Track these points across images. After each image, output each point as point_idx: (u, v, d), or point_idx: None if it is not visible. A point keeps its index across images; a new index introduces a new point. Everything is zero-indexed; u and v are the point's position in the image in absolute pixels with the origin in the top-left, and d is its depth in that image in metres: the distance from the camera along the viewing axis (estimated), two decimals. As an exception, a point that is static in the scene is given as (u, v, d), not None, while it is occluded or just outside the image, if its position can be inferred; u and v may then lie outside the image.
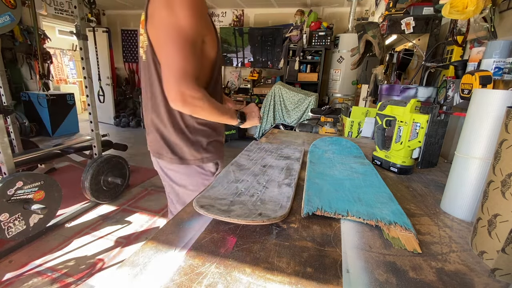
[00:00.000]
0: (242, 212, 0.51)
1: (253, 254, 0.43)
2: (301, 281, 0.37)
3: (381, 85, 1.48)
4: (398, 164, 0.84)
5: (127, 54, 6.06)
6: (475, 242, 0.47)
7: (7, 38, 4.09)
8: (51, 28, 5.82)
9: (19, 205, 1.72)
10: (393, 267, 0.41)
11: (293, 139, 1.28)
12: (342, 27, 4.67)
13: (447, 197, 0.62)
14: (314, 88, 4.56)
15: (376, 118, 0.94)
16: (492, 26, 0.92)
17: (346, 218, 0.53)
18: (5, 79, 2.16)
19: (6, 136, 1.73)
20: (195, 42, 0.78)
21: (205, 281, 0.37)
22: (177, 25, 0.73)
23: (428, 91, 1.19)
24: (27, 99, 4.52)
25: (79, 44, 2.12)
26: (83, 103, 7.20)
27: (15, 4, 1.79)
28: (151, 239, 0.46)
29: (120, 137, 4.96)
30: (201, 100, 0.77)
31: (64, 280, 1.56)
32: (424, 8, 1.39)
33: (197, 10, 0.75)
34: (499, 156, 0.44)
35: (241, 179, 0.69)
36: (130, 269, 0.39)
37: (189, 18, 0.73)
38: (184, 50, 0.74)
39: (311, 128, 2.53)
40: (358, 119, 1.67)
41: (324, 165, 0.85)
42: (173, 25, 0.73)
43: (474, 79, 0.79)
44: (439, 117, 0.76)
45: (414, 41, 1.77)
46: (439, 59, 1.33)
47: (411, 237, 0.48)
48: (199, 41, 0.80)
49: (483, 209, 0.46)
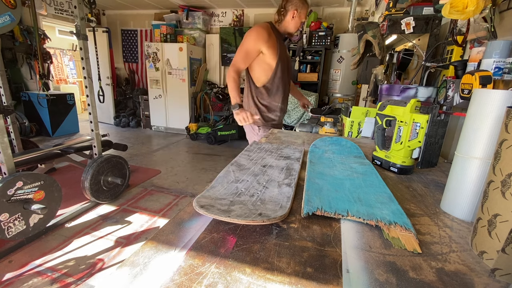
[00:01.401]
0: (242, 212, 0.51)
1: (253, 254, 0.43)
2: (301, 281, 0.37)
3: (381, 85, 1.48)
4: (398, 164, 0.84)
5: (127, 54, 6.06)
6: (475, 242, 0.47)
7: (7, 38, 4.09)
8: (51, 28, 5.82)
9: (19, 205, 1.72)
10: (393, 267, 0.41)
11: (293, 139, 1.28)
12: (342, 27, 4.67)
13: (447, 197, 0.62)
14: (314, 88, 4.56)
15: (376, 118, 0.94)
16: (492, 26, 0.92)
17: (346, 218, 0.53)
18: (5, 79, 2.17)
19: (6, 136, 1.73)
20: (249, 52, 1.51)
21: (205, 281, 0.37)
22: (242, 42, 1.52)
23: (428, 91, 1.19)
24: (27, 99, 4.52)
25: (79, 44, 2.12)
26: (83, 103, 7.20)
27: (15, 4, 1.79)
28: (151, 239, 0.46)
29: (120, 137, 4.96)
30: (229, 78, 1.51)
31: (64, 280, 1.56)
32: (424, 8, 1.39)
33: (253, 37, 1.49)
34: (499, 156, 0.44)
35: (241, 179, 0.69)
36: (130, 269, 0.39)
37: (247, 40, 1.50)
38: (239, 54, 1.52)
39: (311, 128, 2.53)
40: (358, 119, 1.67)
41: (324, 165, 0.85)
42: (242, 42, 1.53)
43: (474, 79, 0.79)
44: (439, 117, 0.76)
45: (414, 41, 1.77)
46: (439, 59, 1.33)
47: (411, 237, 0.48)
48: (254, 52, 1.51)
49: (483, 209, 0.46)
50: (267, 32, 1.48)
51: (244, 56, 1.50)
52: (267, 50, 1.49)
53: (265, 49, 1.48)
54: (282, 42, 1.57)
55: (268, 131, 1.61)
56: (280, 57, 1.52)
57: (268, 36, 1.48)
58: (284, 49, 1.58)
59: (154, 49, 5.00)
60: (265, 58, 1.51)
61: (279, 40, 1.55)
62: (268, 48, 1.49)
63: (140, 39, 5.87)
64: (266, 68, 1.55)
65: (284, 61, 1.57)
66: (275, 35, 1.53)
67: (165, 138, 5.02)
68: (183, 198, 2.66)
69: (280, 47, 1.54)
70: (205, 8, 5.16)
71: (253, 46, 1.48)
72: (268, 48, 1.49)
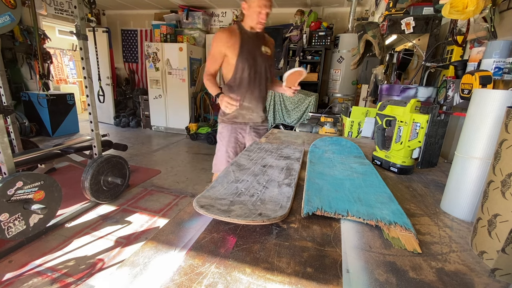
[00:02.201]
0: (242, 212, 0.51)
1: (253, 254, 0.43)
2: (301, 281, 0.37)
3: (381, 85, 1.48)
4: (398, 164, 0.84)
5: (127, 54, 6.06)
6: (475, 242, 0.47)
7: (7, 38, 4.09)
8: (51, 28, 5.82)
9: (19, 205, 1.72)
10: (393, 267, 0.41)
11: (293, 139, 1.28)
12: (342, 27, 4.67)
13: (447, 197, 0.62)
14: (314, 88, 4.57)
15: (376, 118, 0.94)
16: (492, 26, 0.92)
17: (346, 218, 0.53)
18: (5, 79, 2.17)
19: (6, 136, 1.73)
20: (214, 56, 1.57)
21: (205, 281, 0.37)
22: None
23: (428, 91, 1.19)
24: (27, 99, 4.52)
25: (79, 44, 2.12)
26: (83, 103, 7.20)
27: (15, 4, 1.79)
28: (151, 239, 0.46)
29: (120, 137, 4.96)
30: (204, 80, 1.62)
31: (64, 280, 1.56)
32: (424, 8, 1.39)
33: (214, 41, 1.55)
34: (499, 156, 0.44)
35: (241, 179, 0.69)
36: (130, 269, 0.39)
37: (212, 45, 1.57)
38: (208, 59, 1.62)
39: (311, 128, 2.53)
40: (358, 119, 1.67)
41: (324, 165, 0.85)
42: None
43: (474, 79, 0.79)
44: (439, 117, 0.76)
45: (414, 41, 1.77)
46: (439, 59, 1.33)
47: (411, 237, 0.48)
48: (219, 55, 1.56)
49: (483, 209, 0.46)
50: (227, 34, 1.50)
51: (212, 61, 1.57)
52: (228, 50, 1.52)
53: (227, 50, 1.52)
54: (250, 40, 1.54)
55: (230, 129, 1.70)
56: (241, 55, 1.52)
57: (228, 38, 1.50)
58: (253, 47, 1.55)
59: (154, 49, 5.00)
60: (228, 58, 1.55)
61: (245, 38, 1.53)
62: (228, 48, 1.51)
63: (140, 39, 5.87)
64: (229, 67, 1.58)
65: (250, 59, 1.54)
66: (240, 34, 1.52)
67: (165, 138, 5.02)
68: (183, 198, 2.66)
69: (245, 45, 1.52)
70: (205, 8, 5.16)
71: (216, 50, 1.53)
72: (228, 48, 1.51)
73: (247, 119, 1.72)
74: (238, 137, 1.73)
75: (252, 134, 1.74)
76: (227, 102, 1.42)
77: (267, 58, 1.62)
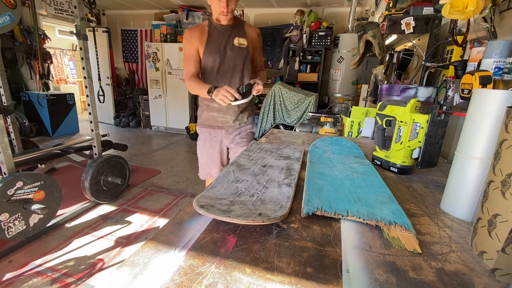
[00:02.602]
0: (242, 212, 0.51)
1: (253, 254, 0.43)
2: (301, 281, 0.37)
3: (381, 85, 1.48)
4: (398, 164, 0.84)
5: (127, 54, 6.06)
6: (475, 242, 0.47)
7: (7, 38, 4.09)
8: (51, 28, 5.82)
9: (19, 205, 1.72)
10: (393, 267, 0.41)
11: (293, 139, 1.28)
12: (342, 27, 4.67)
13: (447, 197, 0.62)
14: (314, 88, 4.56)
15: (376, 118, 0.94)
16: (492, 26, 0.92)
17: (346, 218, 0.53)
18: (5, 79, 2.17)
19: (6, 136, 1.73)
20: (188, 55, 1.46)
21: (205, 281, 0.37)
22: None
23: (428, 91, 1.19)
24: (27, 99, 4.52)
25: (79, 44, 2.12)
26: (83, 103, 7.20)
27: (15, 4, 1.79)
28: (151, 239, 0.46)
29: (120, 137, 4.96)
30: (188, 83, 1.46)
31: (64, 280, 1.56)
32: (424, 8, 1.39)
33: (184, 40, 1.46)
34: (499, 156, 0.44)
35: (241, 179, 0.69)
36: (130, 269, 0.39)
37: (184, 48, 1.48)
38: (184, 61, 1.50)
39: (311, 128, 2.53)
40: (358, 119, 1.67)
41: (324, 165, 0.85)
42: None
43: (474, 79, 0.79)
44: (439, 117, 0.76)
45: (414, 41, 1.77)
46: (439, 59, 1.33)
47: (411, 237, 0.48)
48: (193, 53, 1.45)
49: (483, 209, 0.46)
50: (194, 31, 1.42)
51: (188, 62, 1.45)
52: (200, 46, 1.42)
53: (199, 46, 1.42)
54: (217, 33, 1.42)
55: (205, 133, 1.57)
56: (207, 49, 1.41)
57: (198, 34, 1.41)
58: (221, 39, 1.42)
59: (154, 49, 5.00)
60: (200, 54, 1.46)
61: (212, 32, 1.42)
62: (200, 44, 1.43)
63: (140, 39, 5.87)
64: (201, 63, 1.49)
65: (217, 52, 1.41)
66: (208, 28, 1.42)
67: (165, 138, 5.02)
68: (183, 198, 2.66)
69: (211, 39, 1.41)
70: (205, 8, 5.16)
71: (189, 49, 1.43)
72: (200, 44, 1.42)
73: (220, 123, 1.54)
74: (214, 140, 1.59)
75: (234, 138, 1.57)
76: (223, 95, 1.23)
77: (241, 50, 1.44)
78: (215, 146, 1.60)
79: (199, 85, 1.37)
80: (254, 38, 1.49)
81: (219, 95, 1.24)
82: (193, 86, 1.41)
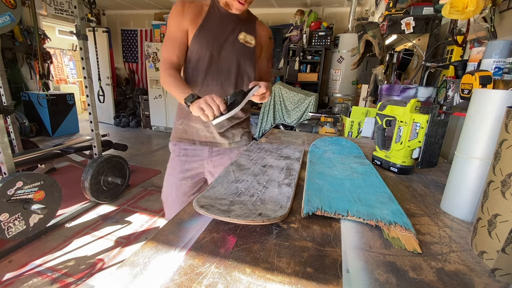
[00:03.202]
0: (242, 212, 0.51)
1: (253, 254, 0.43)
2: (301, 281, 0.37)
3: (381, 85, 1.48)
4: (398, 164, 0.84)
5: (127, 54, 6.06)
6: (475, 242, 0.47)
7: (7, 38, 4.09)
8: (51, 28, 5.82)
9: (19, 205, 1.72)
10: (393, 267, 0.41)
11: (293, 139, 1.28)
12: (342, 27, 4.67)
13: (447, 197, 0.62)
14: (314, 88, 4.57)
15: (376, 118, 0.94)
16: (492, 26, 0.92)
17: (346, 218, 0.53)
18: (5, 79, 2.16)
19: (6, 136, 1.73)
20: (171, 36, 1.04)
21: (205, 281, 0.37)
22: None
23: (428, 91, 1.19)
24: (27, 99, 4.52)
25: (79, 44, 2.12)
26: (83, 103, 7.20)
27: (15, 4, 1.79)
28: (151, 239, 0.46)
29: (120, 137, 4.96)
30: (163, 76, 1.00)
31: (64, 280, 1.56)
32: (424, 8, 1.39)
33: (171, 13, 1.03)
34: (499, 156, 0.44)
35: (241, 179, 0.69)
36: (130, 269, 0.39)
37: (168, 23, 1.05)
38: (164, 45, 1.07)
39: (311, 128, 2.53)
40: (358, 119, 1.67)
41: (324, 165, 0.85)
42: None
43: (474, 79, 0.79)
44: (439, 117, 0.76)
45: (414, 41, 1.77)
46: (439, 59, 1.33)
47: (411, 237, 0.48)
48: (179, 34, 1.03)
49: (483, 209, 0.46)
50: (187, 4, 1.03)
51: (169, 44, 1.03)
52: (190, 26, 1.02)
53: (189, 26, 1.02)
54: (219, 19, 1.05)
55: (176, 151, 1.15)
56: (199, 35, 1.02)
57: (187, 8, 1.02)
58: (222, 29, 1.05)
59: (154, 49, 5.00)
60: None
61: (213, 15, 1.04)
62: (190, 22, 1.02)
63: (140, 39, 5.87)
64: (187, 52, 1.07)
65: (213, 43, 1.03)
66: (209, 9, 1.05)
67: (165, 138, 5.02)
68: (183, 198, 2.66)
69: (209, 24, 1.03)
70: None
71: (174, 26, 1.02)
72: (190, 23, 1.02)
73: (201, 137, 1.12)
74: (193, 164, 1.15)
75: (221, 162, 1.14)
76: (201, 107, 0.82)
77: (245, 50, 1.08)
78: (191, 172, 1.16)
79: (177, 84, 0.95)
80: (265, 40, 1.17)
81: (194, 106, 0.83)
82: (168, 83, 0.97)
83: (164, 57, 1.03)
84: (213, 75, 1.06)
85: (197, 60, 1.05)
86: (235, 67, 1.08)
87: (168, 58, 1.02)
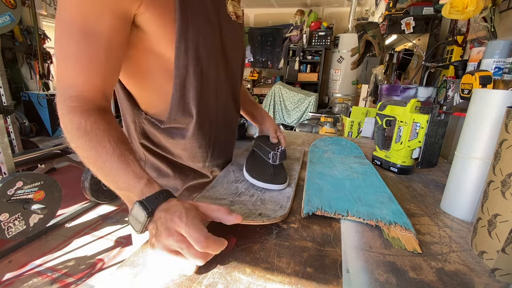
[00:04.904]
0: (242, 212, 0.51)
1: (253, 254, 0.43)
2: (301, 281, 0.37)
3: (381, 85, 1.48)
4: (398, 164, 0.84)
5: (127, 54, 6.06)
6: (475, 242, 0.47)
7: (7, 38, 4.09)
8: (51, 28, 5.81)
9: (19, 205, 1.72)
10: (393, 267, 0.41)
11: (293, 139, 1.28)
12: (342, 27, 4.67)
13: (447, 197, 0.62)
14: (314, 88, 4.57)
15: (376, 118, 0.94)
16: (492, 26, 0.92)
17: (346, 218, 0.53)
18: (5, 79, 2.16)
19: (6, 136, 1.73)
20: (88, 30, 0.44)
21: (205, 281, 0.37)
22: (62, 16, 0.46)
23: (428, 91, 1.19)
24: (27, 99, 4.52)
25: (79, 44, 2.11)
26: (83, 103, 7.19)
27: (15, 4, 1.79)
28: (151, 239, 0.46)
29: (120, 137, 4.95)
30: (68, 124, 0.53)
31: (64, 280, 1.56)
32: (424, 8, 1.39)
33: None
34: (499, 156, 0.44)
35: (241, 179, 0.69)
36: (130, 269, 0.39)
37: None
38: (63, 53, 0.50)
39: (311, 128, 2.54)
40: (358, 119, 1.67)
41: (324, 165, 0.85)
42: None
43: (474, 79, 0.79)
44: (439, 117, 0.76)
45: (414, 41, 1.77)
46: (439, 59, 1.33)
47: (411, 237, 0.48)
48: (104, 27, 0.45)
49: (483, 209, 0.46)
50: None
51: (80, 50, 0.45)
52: (149, 10, 0.46)
53: (145, 8, 0.45)
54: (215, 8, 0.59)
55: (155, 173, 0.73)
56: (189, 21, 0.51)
57: None
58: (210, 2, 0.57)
59: (154, 49, 4.99)
60: (150, 37, 0.50)
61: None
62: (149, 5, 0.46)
63: (140, 39, 5.87)
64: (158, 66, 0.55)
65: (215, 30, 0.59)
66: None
67: (165, 138, 5.02)
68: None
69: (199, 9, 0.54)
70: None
71: (90, 9, 0.42)
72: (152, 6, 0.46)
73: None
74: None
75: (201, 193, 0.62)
76: (204, 243, 0.36)
77: (240, 30, 0.73)
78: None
79: (112, 154, 0.47)
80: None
81: (162, 238, 0.37)
82: (87, 149, 0.49)
83: (66, 83, 0.48)
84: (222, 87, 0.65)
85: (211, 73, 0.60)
86: (241, 63, 0.71)
87: (80, 85, 0.48)
